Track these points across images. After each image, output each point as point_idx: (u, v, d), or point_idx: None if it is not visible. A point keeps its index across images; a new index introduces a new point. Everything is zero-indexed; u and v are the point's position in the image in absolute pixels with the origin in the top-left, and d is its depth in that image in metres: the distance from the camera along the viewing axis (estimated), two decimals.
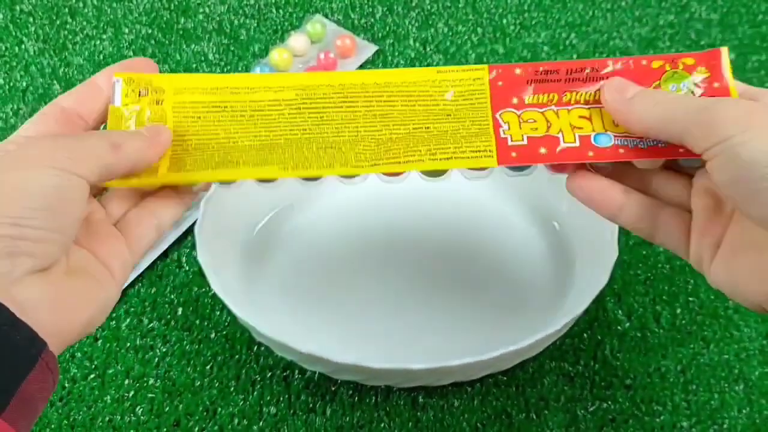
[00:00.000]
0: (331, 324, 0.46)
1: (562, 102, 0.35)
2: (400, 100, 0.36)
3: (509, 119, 0.35)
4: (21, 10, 0.68)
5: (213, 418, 0.44)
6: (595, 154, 0.33)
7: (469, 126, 0.35)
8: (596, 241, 0.45)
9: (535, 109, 0.35)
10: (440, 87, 0.36)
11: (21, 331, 0.28)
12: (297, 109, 0.36)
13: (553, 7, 0.67)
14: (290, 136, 0.35)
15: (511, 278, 0.48)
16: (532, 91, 0.35)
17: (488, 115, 0.35)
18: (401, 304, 0.47)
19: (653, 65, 0.35)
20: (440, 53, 0.64)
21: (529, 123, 0.34)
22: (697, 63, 0.35)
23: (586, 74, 0.35)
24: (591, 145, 0.34)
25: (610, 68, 0.35)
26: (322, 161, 0.35)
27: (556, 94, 0.35)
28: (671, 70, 0.35)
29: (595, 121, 0.34)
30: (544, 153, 0.34)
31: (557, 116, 0.34)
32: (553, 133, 0.34)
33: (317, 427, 0.44)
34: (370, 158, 0.34)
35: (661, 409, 0.44)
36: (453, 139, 0.35)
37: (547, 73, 0.35)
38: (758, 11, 0.66)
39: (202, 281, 0.50)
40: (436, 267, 0.49)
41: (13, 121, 0.59)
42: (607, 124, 0.34)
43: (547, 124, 0.34)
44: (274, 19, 0.67)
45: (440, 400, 0.45)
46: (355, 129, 0.35)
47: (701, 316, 0.48)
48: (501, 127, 0.34)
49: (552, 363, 0.46)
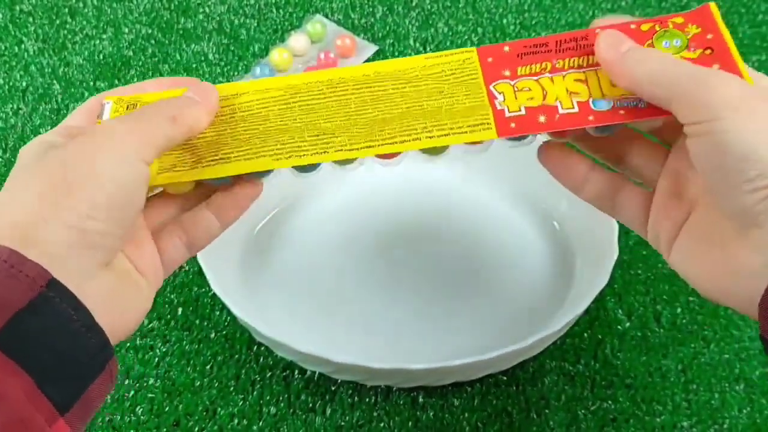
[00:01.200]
0: (331, 324, 0.46)
1: (556, 68, 0.34)
2: (390, 84, 0.35)
3: (504, 89, 0.34)
4: (21, 10, 0.68)
5: (213, 418, 0.44)
6: (596, 118, 0.33)
7: (464, 100, 0.34)
8: (596, 241, 0.45)
9: (528, 77, 0.34)
10: (430, 70, 0.35)
11: (96, 335, 0.27)
12: (286, 103, 0.36)
13: (553, 7, 0.67)
14: (280, 125, 0.35)
15: (511, 278, 0.48)
16: (523, 63, 0.34)
17: (482, 87, 0.34)
18: (401, 304, 0.47)
19: (642, 28, 0.34)
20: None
21: (524, 92, 0.34)
22: (687, 21, 0.34)
23: (577, 43, 0.34)
24: (590, 109, 0.33)
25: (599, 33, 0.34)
26: (316, 147, 0.34)
27: (548, 62, 0.34)
28: (662, 30, 0.34)
29: (591, 84, 0.34)
30: (543, 121, 0.33)
31: (552, 82, 0.34)
32: (549, 102, 0.33)
33: (317, 427, 0.44)
34: (365, 140, 0.34)
35: (662, 409, 0.44)
36: (448, 114, 0.34)
37: (536, 46, 0.35)
38: (758, 11, 0.66)
39: (202, 281, 0.50)
40: (436, 267, 0.49)
41: (13, 121, 0.59)
42: (605, 87, 0.33)
43: (543, 92, 0.34)
44: (274, 19, 0.67)
45: (440, 399, 0.45)
46: (347, 114, 0.35)
47: (701, 315, 0.48)
48: (496, 98, 0.34)
49: (552, 363, 0.46)
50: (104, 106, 0.35)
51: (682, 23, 0.34)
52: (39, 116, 0.60)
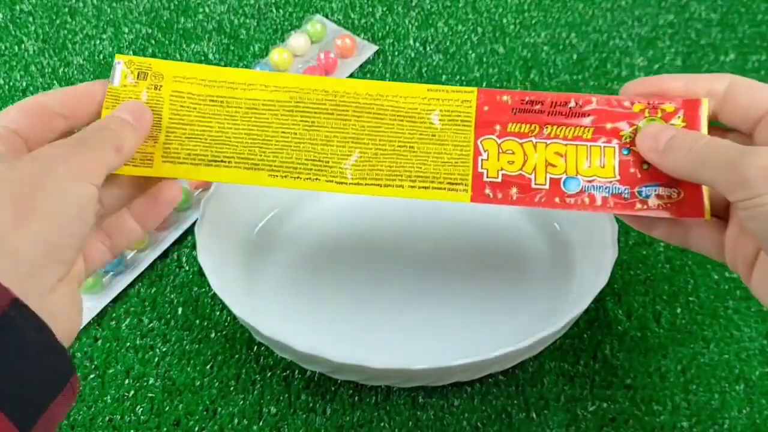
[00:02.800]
0: (331, 324, 0.46)
1: (543, 134, 0.36)
2: (389, 114, 0.37)
3: (489, 147, 0.37)
4: (21, 9, 0.68)
5: (213, 417, 0.44)
6: (561, 201, 0.36)
7: (451, 150, 0.37)
8: (596, 241, 0.45)
9: (515, 138, 0.37)
10: (429, 105, 0.37)
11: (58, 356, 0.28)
12: (290, 111, 0.37)
13: (553, 6, 0.67)
14: (281, 138, 0.37)
15: (511, 278, 0.48)
16: (515, 119, 0.37)
17: (471, 140, 0.37)
18: (401, 304, 0.47)
19: (635, 108, 0.36)
20: (440, 53, 0.64)
21: (507, 154, 0.36)
22: (677, 110, 0.36)
23: (569, 109, 0.37)
24: (560, 190, 0.36)
25: (593, 105, 0.37)
26: (310, 173, 0.36)
27: (537, 125, 0.37)
28: (649, 116, 0.36)
29: (569, 159, 0.36)
30: (514, 195, 0.36)
31: (535, 150, 0.36)
32: (526, 171, 0.36)
33: (317, 427, 0.44)
34: (355, 176, 0.36)
35: (661, 409, 0.44)
36: (434, 164, 0.36)
37: (532, 103, 0.37)
38: (758, 11, 0.66)
39: (202, 281, 0.50)
40: (436, 267, 0.49)
41: None
42: (580, 164, 0.36)
43: (524, 159, 0.36)
44: (274, 19, 0.67)
45: (440, 399, 0.45)
46: (344, 140, 0.37)
47: (701, 316, 0.48)
48: (480, 155, 0.36)
49: (552, 363, 0.46)
50: (116, 66, 0.37)
51: (671, 112, 0.36)
52: None
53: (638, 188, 0.36)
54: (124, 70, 0.37)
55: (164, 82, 0.37)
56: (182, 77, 0.37)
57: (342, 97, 0.37)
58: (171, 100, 0.37)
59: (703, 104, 0.35)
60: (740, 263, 0.34)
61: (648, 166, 0.36)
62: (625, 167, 0.36)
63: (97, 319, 0.48)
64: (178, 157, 0.36)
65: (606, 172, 0.36)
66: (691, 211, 0.35)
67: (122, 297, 0.49)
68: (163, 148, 0.36)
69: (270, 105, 0.37)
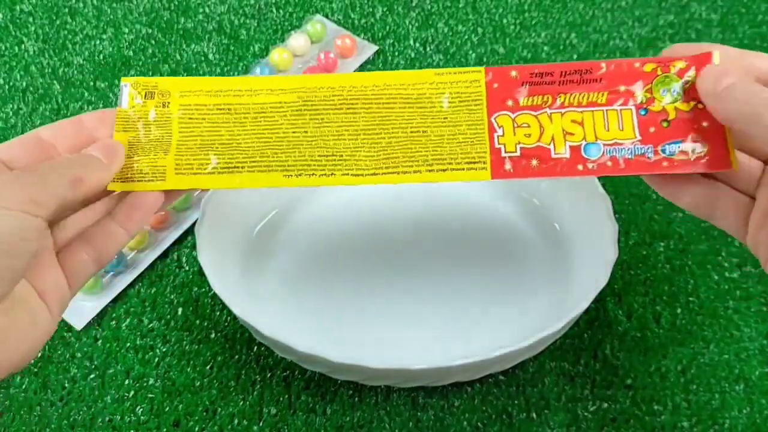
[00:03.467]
0: (331, 324, 0.46)
1: (556, 104, 0.36)
2: (398, 102, 0.37)
3: (504, 123, 0.36)
4: (21, 10, 0.68)
5: (213, 418, 0.44)
6: (584, 168, 0.35)
7: (465, 130, 0.36)
8: (596, 241, 0.45)
9: (529, 111, 0.36)
10: (438, 89, 0.37)
11: None
12: (298, 111, 0.37)
13: (553, 7, 0.67)
14: (292, 138, 0.36)
15: (511, 278, 0.48)
16: (526, 93, 0.36)
17: (484, 118, 0.36)
18: (401, 304, 0.47)
19: (645, 68, 0.36)
20: (440, 53, 0.64)
21: (522, 128, 0.36)
22: (689, 65, 0.35)
23: (580, 76, 0.36)
24: (581, 157, 0.35)
25: (604, 70, 0.36)
26: (324, 169, 0.36)
27: (550, 95, 0.36)
28: (662, 74, 0.35)
29: (587, 126, 0.35)
30: (536, 166, 0.35)
31: (550, 120, 0.36)
32: (545, 142, 0.35)
33: (317, 427, 0.44)
34: (370, 166, 0.36)
35: (662, 409, 0.44)
36: (449, 145, 0.36)
37: (541, 75, 0.36)
38: (758, 11, 0.66)
39: (202, 281, 0.50)
40: (436, 267, 0.49)
41: (13, 121, 0.59)
42: (599, 131, 0.35)
43: (540, 130, 0.35)
44: (274, 19, 0.67)
45: (440, 400, 0.45)
46: (355, 133, 0.36)
47: (701, 316, 0.48)
48: (496, 132, 0.36)
49: (552, 363, 0.46)
50: (122, 89, 0.37)
51: (683, 68, 0.35)
52: (39, 116, 0.60)
53: (661, 146, 0.35)
54: (131, 92, 0.37)
55: (171, 99, 0.37)
56: (189, 91, 0.37)
57: (349, 92, 0.37)
58: (180, 114, 0.37)
59: (714, 57, 0.35)
60: (762, 244, 0.33)
61: (668, 124, 0.35)
62: (644, 127, 0.35)
63: (97, 319, 0.48)
64: (191, 168, 0.36)
65: (626, 134, 0.35)
66: (719, 163, 0.34)
67: (122, 297, 0.49)
68: (175, 160, 0.36)
69: (278, 107, 0.37)
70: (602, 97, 0.36)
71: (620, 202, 0.53)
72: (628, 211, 0.53)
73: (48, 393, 0.45)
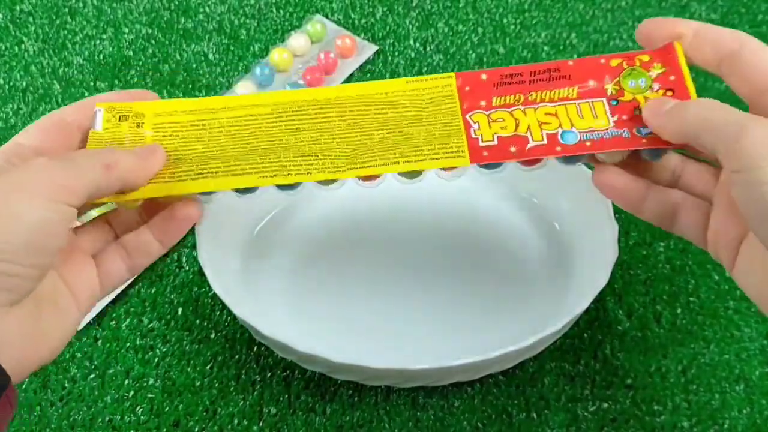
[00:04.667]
0: (331, 324, 0.46)
1: (528, 101, 0.36)
2: (373, 108, 0.37)
3: (479, 119, 0.36)
4: (21, 10, 0.68)
5: (213, 418, 0.44)
6: (563, 149, 0.35)
7: (441, 128, 0.36)
8: (596, 241, 0.45)
9: (503, 109, 0.36)
10: (411, 95, 0.37)
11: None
12: (273, 121, 0.37)
13: (553, 6, 0.67)
14: (267, 145, 0.36)
15: (511, 278, 0.48)
16: (498, 93, 0.37)
17: (458, 116, 0.36)
18: (401, 304, 0.47)
19: (611, 63, 0.36)
20: (440, 53, 0.64)
21: (498, 122, 0.36)
22: (653, 59, 0.36)
23: (549, 74, 0.37)
24: (558, 142, 0.35)
25: (572, 67, 0.37)
26: (300, 168, 0.35)
27: (521, 94, 0.36)
28: (629, 68, 0.36)
29: (561, 116, 0.36)
30: (514, 151, 0.35)
31: (524, 114, 0.36)
32: (521, 132, 0.36)
33: (317, 427, 0.44)
34: (347, 163, 0.36)
35: (662, 409, 0.44)
36: (426, 141, 0.36)
37: (511, 76, 0.37)
38: (758, 11, 0.66)
39: (202, 281, 0.50)
40: (435, 267, 0.49)
41: (13, 121, 0.59)
42: (573, 119, 0.36)
43: (516, 123, 0.36)
44: (275, 19, 0.67)
45: (440, 400, 0.45)
46: (331, 137, 0.36)
47: (701, 316, 0.48)
48: (471, 127, 0.36)
49: (552, 363, 0.46)
50: (96, 114, 0.36)
51: (648, 61, 0.36)
52: (39, 116, 0.60)
53: (636, 128, 0.35)
54: (106, 116, 0.36)
55: (146, 119, 0.37)
56: (163, 112, 0.37)
57: (324, 103, 0.37)
58: (153, 132, 0.37)
59: (677, 48, 0.35)
60: (723, 249, 0.33)
61: (640, 112, 0.35)
62: (618, 115, 0.35)
63: (97, 319, 0.48)
64: (164, 177, 0.35)
65: (600, 122, 0.35)
66: None
67: (122, 297, 0.49)
68: None
69: (252, 119, 0.37)
70: (573, 92, 0.36)
71: None
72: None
73: (48, 393, 0.45)
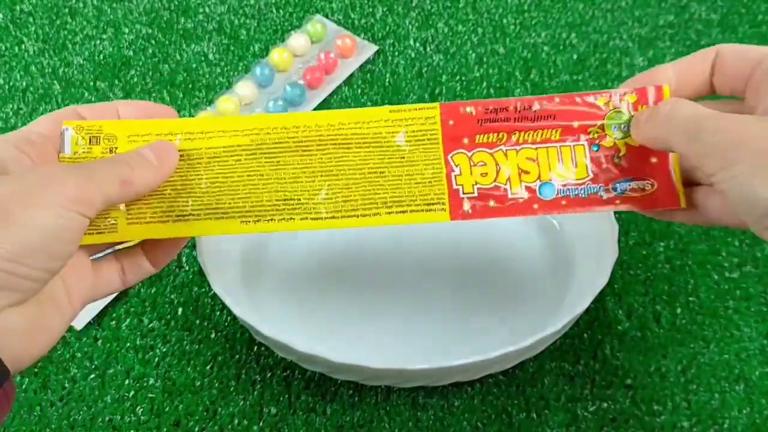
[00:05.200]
0: (331, 324, 0.46)
1: (511, 142, 0.36)
2: (354, 142, 0.36)
3: (460, 162, 0.36)
4: (21, 10, 0.68)
5: (213, 418, 0.44)
6: (540, 207, 0.36)
7: (423, 170, 0.36)
8: (596, 241, 0.45)
9: (485, 149, 0.36)
10: (393, 127, 0.36)
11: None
12: (252, 154, 0.36)
13: (553, 7, 0.67)
14: (248, 181, 0.36)
15: (511, 278, 0.48)
16: (481, 130, 0.36)
17: (440, 157, 0.36)
18: (401, 304, 0.47)
19: (599, 102, 0.36)
20: (440, 53, 0.64)
21: (479, 167, 0.36)
22: (639, 101, 0.36)
23: (534, 112, 0.36)
24: (536, 198, 0.36)
25: (558, 105, 0.36)
26: (283, 213, 0.35)
27: (504, 133, 0.36)
28: (614, 110, 0.36)
29: (542, 164, 0.36)
30: (493, 206, 0.36)
31: (506, 157, 0.36)
32: (501, 182, 0.36)
33: (317, 427, 0.44)
34: (330, 209, 0.36)
35: (662, 409, 0.44)
36: (407, 186, 0.36)
37: (496, 111, 0.36)
38: (758, 11, 0.66)
39: (202, 281, 0.50)
40: (435, 267, 0.49)
41: (13, 121, 0.59)
42: (553, 167, 0.36)
43: (497, 169, 0.36)
44: (274, 19, 0.67)
45: (440, 400, 0.45)
46: (312, 175, 0.36)
47: (701, 316, 0.48)
48: (453, 171, 0.36)
49: (552, 363, 0.46)
50: (64, 133, 0.35)
51: (634, 102, 0.36)
52: (39, 116, 0.60)
53: (612, 185, 0.36)
54: (74, 136, 0.35)
55: (119, 144, 0.35)
56: (137, 135, 0.36)
57: (303, 132, 0.36)
58: None
59: (666, 91, 0.35)
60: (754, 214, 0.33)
61: (619, 160, 0.36)
62: (597, 164, 0.36)
63: (97, 319, 0.48)
64: (144, 217, 0.35)
65: (579, 172, 0.36)
66: (667, 200, 0.36)
67: (122, 297, 0.49)
68: (127, 210, 0.35)
69: (231, 151, 0.36)
70: (556, 134, 0.36)
71: None
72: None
73: (48, 393, 0.45)
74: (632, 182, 0.36)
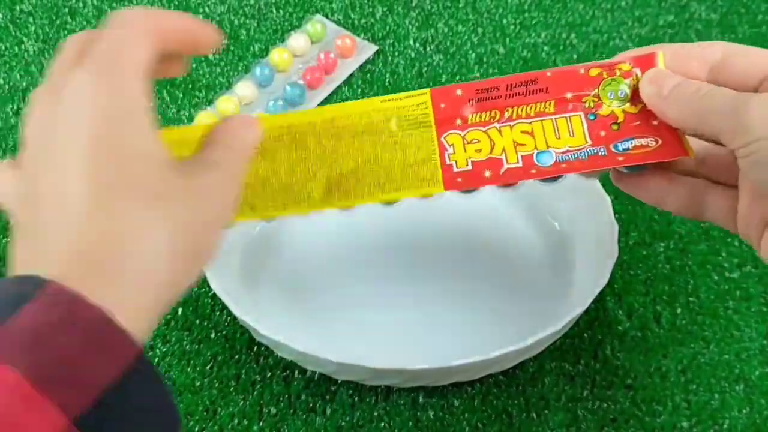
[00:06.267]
0: (331, 324, 0.46)
1: (504, 118, 0.36)
2: (347, 133, 0.36)
3: (454, 141, 0.36)
4: (21, 10, 0.68)
5: (213, 418, 0.44)
6: (538, 171, 0.35)
7: (416, 152, 0.36)
8: (596, 241, 0.45)
9: (478, 128, 0.36)
10: (385, 115, 0.36)
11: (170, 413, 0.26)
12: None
13: (553, 7, 0.67)
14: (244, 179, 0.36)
15: (511, 278, 0.48)
16: (474, 109, 0.36)
17: (434, 138, 0.36)
18: (401, 304, 0.47)
19: (591, 73, 0.36)
20: (440, 53, 0.64)
21: (473, 144, 0.35)
22: (633, 68, 0.35)
23: (526, 87, 0.36)
24: (534, 164, 0.35)
25: (550, 78, 0.36)
26: (277, 202, 0.35)
27: (497, 110, 0.36)
28: (609, 78, 0.35)
29: (537, 136, 0.35)
30: (489, 176, 0.35)
31: (500, 134, 0.35)
32: (496, 154, 0.35)
33: (317, 427, 0.44)
34: (322, 195, 0.36)
35: (662, 409, 0.44)
36: (400, 168, 0.36)
37: (487, 90, 0.36)
38: (758, 11, 0.66)
39: (202, 281, 0.50)
40: (435, 267, 0.49)
41: (13, 121, 0.59)
42: (549, 138, 0.35)
43: (491, 144, 0.35)
44: (274, 19, 0.67)
45: (440, 400, 0.45)
46: (306, 167, 0.36)
47: (701, 316, 0.48)
48: (446, 150, 0.36)
49: (552, 363, 0.46)
50: None
51: (628, 70, 0.35)
52: None
53: (614, 144, 0.35)
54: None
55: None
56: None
57: (297, 128, 0.36)
58: None
59: (659, 57, 0.35)
60: (752, 231, 0.34)
61: (618, 127, 0.35)
62: (595, 131, 0.35)
63: None
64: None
65: (577, 140, 0.35)
66: (673, 151, 0.34)
67: None
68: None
69: None
70: (550, 107, 0.36)
71: (620, 202, 0.53)
72: (628, 211, 0.53)
73: None
74: (634, 140, 0.35)
